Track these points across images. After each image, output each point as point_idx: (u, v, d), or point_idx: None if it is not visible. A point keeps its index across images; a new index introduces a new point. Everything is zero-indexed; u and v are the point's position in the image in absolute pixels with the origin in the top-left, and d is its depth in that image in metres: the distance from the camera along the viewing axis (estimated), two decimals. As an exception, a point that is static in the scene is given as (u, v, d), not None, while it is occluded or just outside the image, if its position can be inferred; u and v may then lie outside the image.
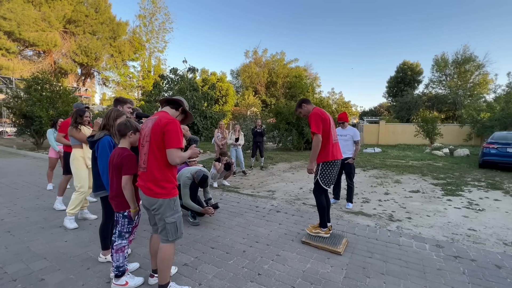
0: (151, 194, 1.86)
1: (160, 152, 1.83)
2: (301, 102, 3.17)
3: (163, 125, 1.81)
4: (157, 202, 1.87)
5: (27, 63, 22.25)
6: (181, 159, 1.85)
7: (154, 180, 1.85)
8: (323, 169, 2.95)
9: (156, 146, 1.83)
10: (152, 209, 1.91)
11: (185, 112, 2.11)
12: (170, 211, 1.90)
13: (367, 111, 45.35)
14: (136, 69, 28.14)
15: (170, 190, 1.90)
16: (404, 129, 19.17)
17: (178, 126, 1.86)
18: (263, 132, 8.34)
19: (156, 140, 1.82)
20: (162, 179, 1.85)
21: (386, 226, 3.61)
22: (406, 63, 34.26)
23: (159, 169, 1.85)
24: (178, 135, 1.82)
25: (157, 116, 1.90)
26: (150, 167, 1.85)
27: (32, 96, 11.19)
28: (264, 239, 3.12)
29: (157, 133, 1.81)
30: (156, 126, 1.83)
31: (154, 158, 1.84)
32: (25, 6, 19.60)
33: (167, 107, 2.04)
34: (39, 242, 2.92)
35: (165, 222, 1.90)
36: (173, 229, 1.92)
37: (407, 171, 8.02)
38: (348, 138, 4.39)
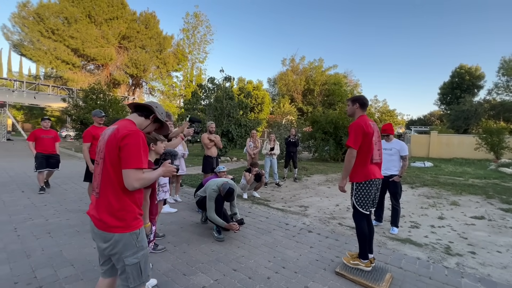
0: (104, 228, 1.43)
1: (116, 173, 1.41)
2: (357, 100, 2.67)
3: (120, 138, 1.39)
4: (112, 238, 1.43)
5: (88, 75, 25.27)
6: (142, 181, 1.41)
7: (109, 210, 1.43)
8: (358, 190, 2.54)
9: (110, 165, 1.41)
10: (106, 247, 1.45)
11: (159, 121, 1.68)
12: (131, 249, 1.46)
13: (415, 120, 41.52)
14: (178, 79, 30.05)
15: (130, 222, 1.46)
16: (462, 141, 16.90)
17: (141, 139, 1.43)
18: (297, 142, 7.98)
19: (111, 157, 1.41)
20: (119, 208, 1.43)
21: (442, 262, 2.99)
22: (463, 67, 30.68)
23: (115, 195, 1.42)
24: (138, 151, 1.40)
25: (116, 125, 1.48)
26: (103, 193, 1.44)
27: (88, 105, 12.50)
28: (292, 265, 2.80)
29: (113, 148, 1.40)
30: (111, 139, 1.41)
31: (108, 181, 1.42)
32: (89, 26, 22.40)
33: (134, 114, 1.61)
34: (72, 247, 3.02)
35: (124, 263, 1.45)
36: (135, 272, 1.48)
37: (466, 191, 6.88)
38: (394, 152, 3.85)
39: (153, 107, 1.62)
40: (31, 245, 3.02)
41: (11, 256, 2.75)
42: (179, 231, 3.66)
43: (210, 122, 5.87)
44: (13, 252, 2.84)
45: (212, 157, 5.64)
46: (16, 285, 2.24)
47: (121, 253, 1.44)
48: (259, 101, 24.15)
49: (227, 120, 12.49)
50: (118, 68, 26.80)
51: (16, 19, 21.22)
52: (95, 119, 4.47)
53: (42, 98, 20.66)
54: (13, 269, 2.49)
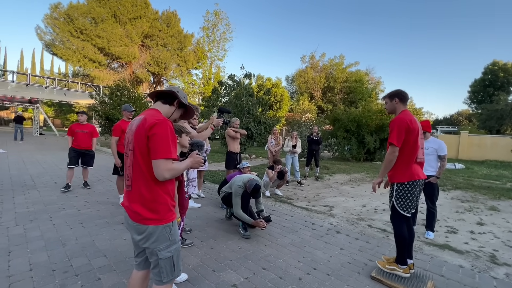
0: (138, 220, 1.40)
1: (147, 164, 1.38)
2: (395, 94, 2.48)
3: (148, 127, 1.35)
4: (146, 230, 1.40)
5: (112, 73, 26.24)
6: (173, 172, 1.38)
7: (141, 201, 1.40)
8: (400, 191, 2.37)
9: (140, 155, 1.38)
10: (140, 239, 1.43)
11: (184, 106, 1.64)
12: (164, 242, 1.43)
13: (441, 120, 39.43)
14: (198, 77, 30.45)
15: (164, 214, 1.43)
16: (495, 142, 15.77)
17: (169, 128, 1.39)
18: (320, 140, 7.77)
19: (140, 148, 1.38)
20: (151, 199, 1.40)
21: (489, 271, 2.74)
22: (497, 63, 28.64)
23: (147, 187, 1.39)
24: (167, 141, 1.36)
25: (143, 115, 1.44)
26: (135, 184, 1.41)
27: (114, 101, 12.96)
28: (323, 266, 2.68)
29: (141, 138, 1.37)
30: (139, 130, 1.38)
31: (140, 172, 1.39)
32: (114, 26, 23.19)
33: (158, 102, 1.56)
34: (103, 238, 3.09)
35: (157, 257, 1.42)
36: (168, 266, 1.45)
37: (505, 195, 6.37)
38: (431, 151, 3.59)
39: (175, 92, 1.57)
40: (65, 234, 3.12)
41: (48, 244, 2.85)
42: (205, 226, 3.65)
43: (234, 119, 5.84)
44: (50, 240, 2.94)
45: (235, 153, 5.60)
46: (54, 273, 2.31)
47: (154, 246, 1.41)
48: (278, 98, 23.93)
49: (246, 117, 12.44)
50: (140, 66, 27.60)
51: (48, 20, 22.43)
52: (124, 114, 4.52)
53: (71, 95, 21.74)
54: (50, 257, 2.58)
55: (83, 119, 5.30)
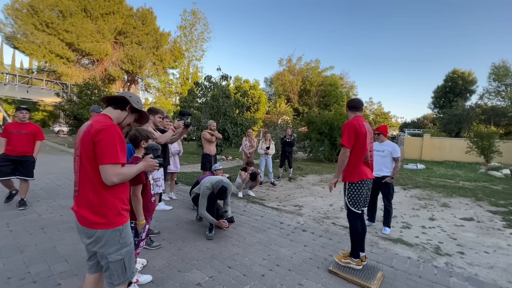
0: (86, 224, 1.42)
1: (93, 169, 1.40)
2: (349, 104, 2.81)
3: (94, 133, 1.37)
4: (95, 234, 1.42)
5: (82, 70, 24.92)
6: (121, 176, 1.41)
7: (89, 206, 1.42)
8: (351, 190, 2.60)
9: (87, 161, 1.40)
10: (89, 243, 1.45)
11: (137, 111, 1.65)
12: (114, 246, 1.45)
13: (409, 123, 42.12)
14: (175, 76, 29.82)
15: (113, 218, 1.45)
16: (453, 144, 17.23)
17: (116, 133, 1.42)
18: (293, 142, 8.04)
19: (87, 154, 1.40)
20: (99, 204, 1.42)
21: (432, 261, 3.07)
22: (457, 71, 31.23)
23: (95, 192, 1.41)
24: (114, 146, 1.39)
25: (90, 121, 1.46)
26: (83, 190, 1.43)
27: (83, 100, 12.36)
28: (286, 263, 2.84)
29: (87, 144, 1.39)
30: (85, 136, 1.40)
31: (87, 177, 1.41)
32: (84, 21, 22.07)
33: (108, 108, 1.58)
34: (65, 243, 3.00)
35: (107, 260, 1.45)
36: (119, 269, 1.48)
37: (457, 193, 7.03)
38: (386, 154, 3.92)
39: (127, 97, 1.59)
40: (24, 241, 3.00)
41: (4, 251, 2.72)
42: (174, 228, 3.67)
43: (211, 121, 5.89)
44: (6, 247, 2.81)
45: (210, 155, 5.65)
46: (9, 280, 2.23)
47: (104, 250, 1.44)
48: (255, 100, 24.17)
49: (223, 118, 12.48)
50: (113, 63, 26.48)
51: (9, 10, 20.76)
52: (93, 115, 4.37)
53: (35, 93, 20.31)
54: (6, 264, 2.48)
55: (22, 116, 4.12)
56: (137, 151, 2.15)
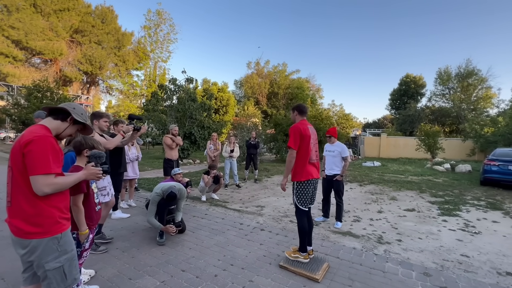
0: (21, 235, 1.41)
1: (25, 179, 1.39)
2: (295, 108, 3.03)
3: (23, 144, 1.36)
4: (30, 244, 1.41)
5: (33, 70, 22.75)
6: (55, 186, 1.41)
7: (23, 216, 1.40)
8: (299, 189, 2.81)
9: (18, 172, 1.40)
10: (24, 253, 1.43)
11: (80, 123, 1.67)
12: (51, 254, 1.45)
13: (371, 123, 45.13)
14: (139, 78, 28.55)
15: (49, 227, 1.44)
16: (406, 143, 18.90)
17: (48, 143, 1.41)
18: (257, 144, 8.23)
19: (17, 165, 1.40)
20: (34, 214, 1.40)
21: (373, 250, 3.41)
22: (409, 76, 34.25)
23: (28, 202, 1.40)
24: (45, 156, 1.38)
25: (24, 131, 1.47)
26: (15, 200, 1.41)
27: (32, 104, 11.33)
28: (240, 262, 2.95)
29: (17, 155, 1.38)
30: (16, 146, 1.39)
31: (18, 188, 1.40)
32: (34, 16, 20.21)
33: (48, 118, 1.57)
34: (4, 260, 2.80)
35: (44, 269, 1.44)
36: (58, 276, 1.46)
37: (405, 187, 7.78)
38: (336, 154, 4.25)
39: (69, 109, 1.59)
40: (-48, 261, 2.72)
41: None
42: (130, 236, 3.58)
43: (173, 126, 5.81)
44: None
45: (172, 160, 5.59)
46: None
47: (40, 259, 1.43)
48: (224, 103, 24.13)
49: (189, 122, 12.31)
50: (70, 64, 24.56)
51: None
52: (38, 121, 4.06)
53: (-26, 95, 18.07)
54: None
55: None
56: (79, 159, 2.10)
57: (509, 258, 3.25)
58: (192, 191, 6.10)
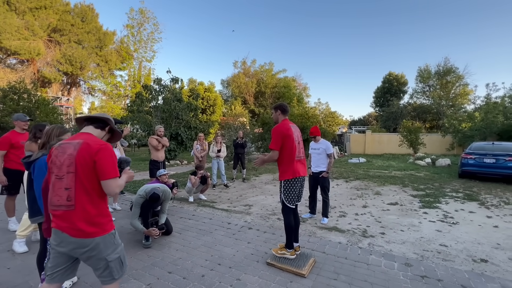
0: (83, 235, 1.54)
1: (91, 183, 1.57)
2: (277, 107, 3.02)
3: (94, 152, 1.54)
4: (92, 242, 1.56)
5: (8, 71, 21.65)
6: (121, 187, 1.66)
7: (87, 218, 1.55)
8: (286, 187, 2.84)
9: (85, 177, 1.55)
10: (85, 251, 1.56)
11: (112, 131, 1.85)
12: (111, 248, 1.63)
13: (356, 121, 46.10)
14: (123, 79, 27.81)
15: (106, 225, 1.62)
16: (390, 139, 19.47)
17: (112, 151, 1.63)
18: (245, 144, 8.24)
19: (84, 170, 1.54)
20: (97, 214, 1.59)
21: (358, 243, 3.51)
22: (392, 74, 35.26)
23: (93, 204, 1.57)
24: (114, 162, 1.61)
25: (81, 140, 1.59)
26: (79, 204, 1.54)
27: (7, 106, 10.80)
28: (228, 261, 2.96)
29: (86, 162, 1.53)
30: (83, 154, 1.54)
31: (84, 192, 1.55)
32: (8, 15, 19.23)
33: (90, 127, 1.72)
34: (-21, 270, 2.66)
35: (107, 261, 1.61)
36: (118, 265, 1.67)
37: (388, 182, 8.02)
38: (321, 151, 4.33)
39: (109, 119, 1.79)
40: None
41: None
42: (115, 240, 3.50)
43: (158, 126, 5.72)
44: None
45: (158, 162, 5.51)
46: None
47: (102, 253, 1.61)
48: (211, 103, 23.95)
49: (176, 122, 12.14)
50: (48, 64, 23.52)
51: None
52: (17, 124, 3.79)
53: None
54: None
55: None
56: None
57: (483, 246, 3.44)
58: (179, 192, 6.04)
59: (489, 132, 14.08)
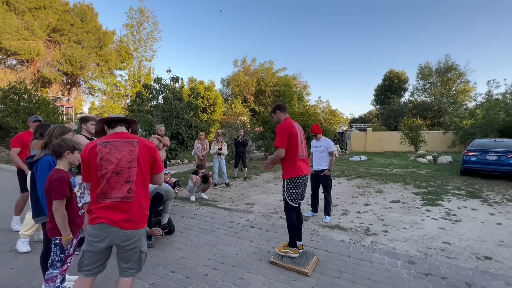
0: (133, 227, 1.68)
1: (147, 177, 1.82)
2: (276, 108, 3.04)
3: (153, 150, 1.82)
4: (139, 233, 1.72)
5: (8, 72, 21.65)
6: None
7: (140, 210, 1.72)
8: (289, 185, 2.83)
9: (145, 172, 1.78)
10: (130, 243, 1.68)
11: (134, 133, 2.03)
12: (143, 240, 1.81)
13: (357, 118, 46.02)
14: (123, 78, 27.79)
15: (146, 218, 1.82)
16: (391, 137, 19.42)
17: None
18: (245, 143, 8.22)
19: (145, 165, 1.77)
20: (146, 206, 1.79)
21: (361, 241, 3.50)
22: (392, 71, 35.11)
23: (145, 196, 1.78)
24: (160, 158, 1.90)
25: (137, 139, 1.80)
26: (138, 196, 1.71)
27: (8, 107, 10.79)
28: (231, 260, 2.95)
29: (147, 158, 1.78)
30: (144, 151, 1.77)
31: (143, 185, 1.75)
32: (7, 15, 19.20)
33: (122, 127, 1.86)
34: None
35: (141, 252, 1.76)
36: (145, 256, 1.82)
37: (390, 179, 8.00)
38: (323, 149, 4.31)
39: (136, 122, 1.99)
40: None
41: None
42: (117, 240, 3.50)
43: (159, 126, 5.70)
44: None
45: None
46: None
47: (140, 244, 1.75)
48: (211, 102, 23.92)
49: (176, 121, 12.11)
50: (48, 64, 23.48)
51: None
52: (31, 125, 3.87)
53: None
54: None
55: None
56: (60, 162, 2.00)
57: (487, 243, 3.42)
58: (181, 191, 6.03)
59: (491, 129, 14.03)
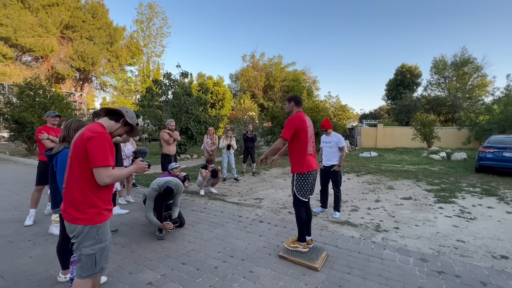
0: (69, 220, 1.61)
1: (82, 170, 1.58)
2: (291, 99, 2.97)
3: (85, 139, 1.56)
4: (76, 229, 1.60)
5: (24, 68, 22.27)
6: (113, 177, 1.60)
7: (73, 203, 1.60)
8: (299, 180, 2.81)
9: (77, 163, 1.59)
10: (71, 237, 1.65)
11: (129, 125, 1.86)
12: (89, 241, 1.62)
13: (367, 114, 45.19)
14: (133, 74, 28.19)
15: (92, 216, 1.61)
16: (402, 132, 19.00)
17: (106, 140, 1.61)
18: (254, 138, 8.22)
19: (77, 156, 1.58)
20: (83, 202, 1.59)
21: (371, 238, 3.45)
22: (405, 66, 34.14)
23: (80, 191, 1.59)
24: (104, 151, 1.57)
25: (84, 129, 1.67)
26: (69, 188, 1.61)
27: (24, 102, 11.13)
28: (240, 253, 2.97)
29: (79, 148, 1.58)
30: (78, 141, 1.60)
31: (74, 177, 1.60)
32: (22, 12, 19.68)
33: (104, 118, 1.78)
34: (2, 258, 2.78)
35: (81, 252, 1.62)
36: (89, 262, 1.63)
37: (401, 176, 7.85)
38: (333, 145, 4.25)
39: (123, 112, 1.80)
40: (-50, 261, 2.70)
41: None
42: (129, 231, 3.58)
43: (170, 120, 5.77)
44: None
45: (170, 155, 5.57)
46: None
47: (79, 243, 1.62)
48: (220, 97, 23.97)
49: (186, 117, 12.22)
50: (61, 60, 24.05)
51: None
52: (48, 120, 4.07)
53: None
54: None
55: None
56: None
57: (503, 242, 3.32)
58: (190, 185, 6.10)
59: (509, 125, 13.51)
